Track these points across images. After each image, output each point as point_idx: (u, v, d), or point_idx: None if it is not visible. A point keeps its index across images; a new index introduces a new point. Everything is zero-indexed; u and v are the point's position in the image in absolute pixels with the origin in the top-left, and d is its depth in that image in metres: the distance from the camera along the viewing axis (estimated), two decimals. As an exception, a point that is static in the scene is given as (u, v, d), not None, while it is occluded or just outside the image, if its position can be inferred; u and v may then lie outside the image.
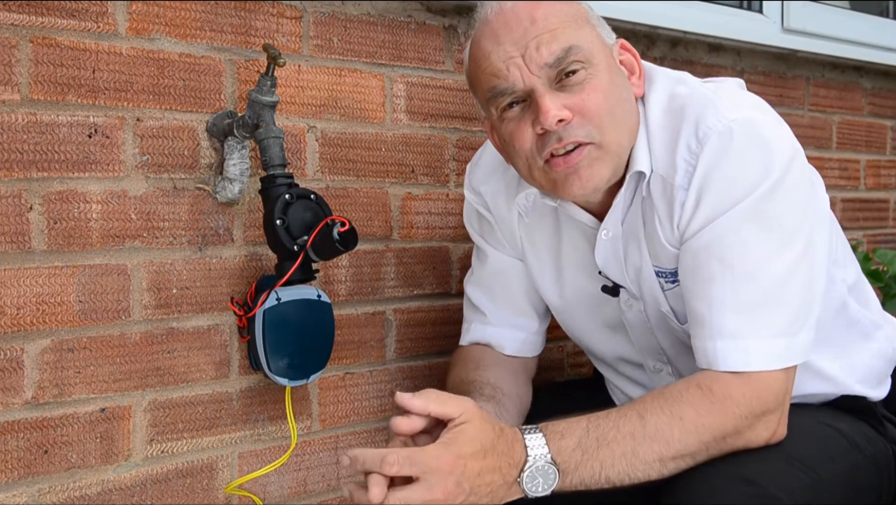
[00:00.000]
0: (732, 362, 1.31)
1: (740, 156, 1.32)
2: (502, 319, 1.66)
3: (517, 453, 1.23)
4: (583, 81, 1.34)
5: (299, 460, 1.72)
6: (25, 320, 1.42)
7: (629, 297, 1.50)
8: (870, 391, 1.57)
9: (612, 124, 1.35)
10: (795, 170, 1.34)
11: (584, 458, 1.25)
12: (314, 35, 1.71)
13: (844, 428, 1.46)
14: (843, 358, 1.55)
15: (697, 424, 1.28)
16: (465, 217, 1.71)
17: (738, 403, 1.29)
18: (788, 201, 1.33)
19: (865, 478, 1.44)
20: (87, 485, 1.48)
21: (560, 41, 1.33)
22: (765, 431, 1.32)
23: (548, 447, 1.24)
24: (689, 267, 1.37)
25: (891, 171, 2.93)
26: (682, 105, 1.38)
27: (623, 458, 1.26)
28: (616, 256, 1.47)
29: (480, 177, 1.64)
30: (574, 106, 1.33)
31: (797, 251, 1.33)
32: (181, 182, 1.56)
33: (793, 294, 1.33)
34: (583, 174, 1.35)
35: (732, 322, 1.31)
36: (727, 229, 1.32)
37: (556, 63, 1.33)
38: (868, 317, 1.59)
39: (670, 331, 1.49)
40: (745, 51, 2.47)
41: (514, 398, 1.54)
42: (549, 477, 1.23)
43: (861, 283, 1.61)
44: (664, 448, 1.27)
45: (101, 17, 1.47)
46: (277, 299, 1.52)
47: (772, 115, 1.39)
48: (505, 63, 1.35)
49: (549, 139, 1.34)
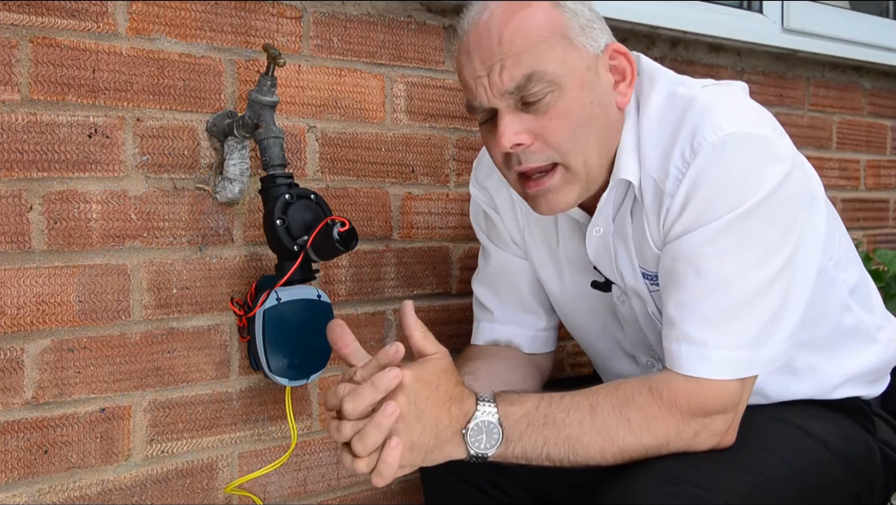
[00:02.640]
0: (693, 367, 1.33)
1: (730, 171, 1.31)
2: (509, 316, 1.66)
3: (467, 405, 1.27)
4: (547, 105, 1.33)
5: (299, 460, 1.72)
6: (25, 320, 1.42)
7: (621, 292, 1.52)
8: (863, 390, 1.57)
9: (577, 147, 1.35)
10: (788, 187, 1.34)
11: (528, 429, 1.28)
12: (314, 35, 1.71)
13: (812, 426, 1.47)
14: (841, 360, 1.55)
15: (643, 428, 1.31)
16: (472, 216, 1.72)
17: (685, 411, 1.32)
18: (773, 219, 1.33)
19: (831, 477, 1.44)
20: (87, 485, 1.48)
21: (523, 65, 1.32)
22: (712, 438, 1.34)
23: (497, 408, 1.28)
24: (666, 270, 1.38)
25: (891, 171, 2.93)
26: (683, 109, 1.37)
27: (567, 441, 1.29)
28: (607, 252, 1.48)
29: (485, 171, 1.64)
30: (535, 130, 1.34)
31: (774, 268, 1.33)
32: (181, 182, 1.56)
33: (763, 309, 1.34)
34: (550, 199, 1.38)
35: (699, 329, 1.33)
36: (706, 240, 1.32)
37: (516, 90, 1.33)
38: (870, 319, 1.59)
39: (657, 329, 1.50)
40: (745, 51, 2.47)
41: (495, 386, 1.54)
42: (494, 436, 1.27)
43: (864, 284, 1.61)
44: (607, 444, 1.30)
45: (101, 17, 1.47)
46: (277, 299, 1.52)
47: (771, 130, 1.38)
48: (474, 81, 1.36)
49: (511, 160, 1.37)
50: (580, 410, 1.30)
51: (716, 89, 1.44)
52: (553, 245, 1.59)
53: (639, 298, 1.49)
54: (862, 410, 1.55)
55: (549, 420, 1.29)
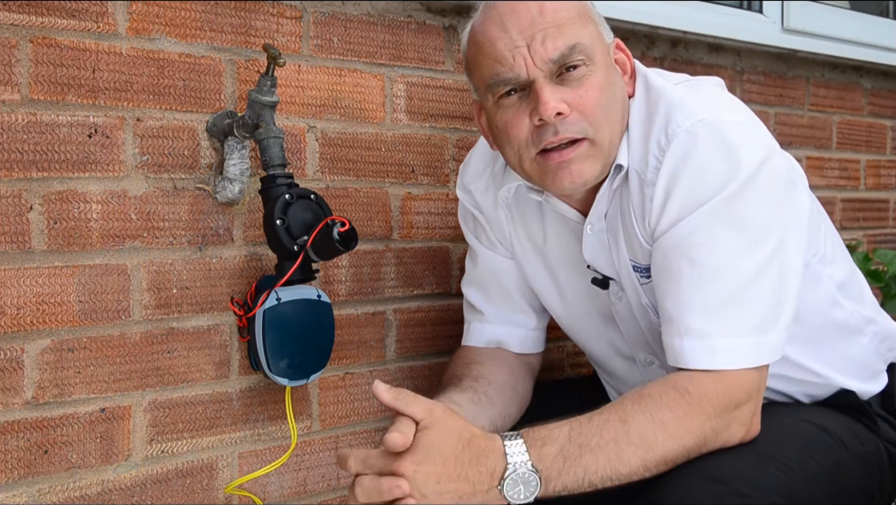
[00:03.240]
0: (698, 360, 1.32)
1: (707, 155, 1.32)
2: (500, 316, 1.66)
3: (492, 461, 1.22)
4: (582, 77, 1.36)
5: (299, 460, 1.72)
6: (25, 320, 1.42)
7: (618, 288, 1.51)
8: (861, 385, 1.57)
9: (606, 122, 1.37)
10: (767, 171, 1.34)
11: (566, 465, 1.24)
12: (314, 35, 1.71)
13: (831, 425, 1.47)
14: (832, 354, 1.55)
15: (679, 428, 1.28)
16: (460, 217, 1.72)
17: (713, 402, 1.30)
18: (758, 201, 1.33)
19: (852, 476, 1.44)
20: (87, 485, 1.48)
21: (566, 37, 1.34)
22: (740, 429, 1.33)
23: (528, 454, 1.23)
24: (659, 265, 1.38)
25: (891, 171, 2.93)
26: (656, 100, 1.40)
27: (607, 463, 1.25)
28: (603, 248, 1.48)
29: (470, 175, 1.65)
30: (572, 101, 1.35)
31: (767, 251, 1.33)
32: (181, 182, 1.56)
33: (762, 293, 1.33)
34: (574, 169, 1.37)
35: (699, 321, 1.32)
36: (695, 228, 1.32)
37: (560, 59, 1.34)
38: (859, 312, 1.59)
39: (652, 324, 1.50)
40: (745, 51, 2.47)
41: (506, 391, 1.54)
42: (531, 484, 1.23)
43: (853, 279, 1.61)
44: (648, 454, 1.27)
45: (101, 17, 1.47)
46: (277, 299, 1.52)
47: (744, 116, 1.39)
48: (511, 52, 1.35)
49: (546, 132, 1.35)
50: (612, 427, 1.27)
51: (689, 83, 1.47)
52: (542, 248, 1.58)
53: (633, 291, 1.49)
54: (864, 409, 1.55)
55: (584, 449, 1.25)
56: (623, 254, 1.46)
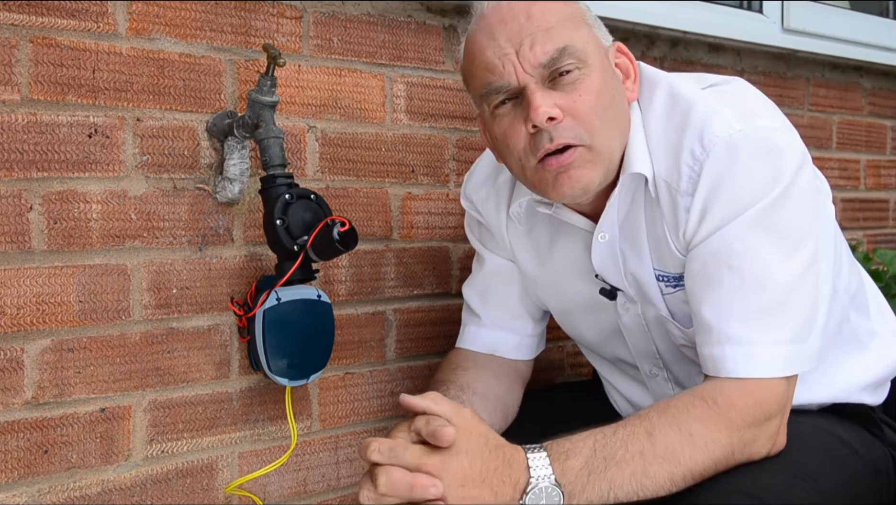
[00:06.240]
0: (740, 368, 1.29)
1: (748, 166, 1.30)
2: (496, 321, 1.66)
3: (516, 473, 1.20)
4: (575, 81, 1.33)
5: (299, 460, 1.72)
6: (25, 320, 1.42)
7: (626, 300, 1.49)
8: (867, 397, 1.56)
9: (603, 127, 1.34)
10: (803, 177, 1.33)
11: (591, 479, 1.22)
12: (314, 35, 1.71)
13: (844, 435, 1.45)
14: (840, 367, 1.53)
15: (707, 440, 1.25)
16: (466, 224, 1.72)
17: (742, 414, 1.28)
18: (796, 209, 1.32)
19: (866, 485, 1.43)
20: (87, 485, 1.48)
21: (554, 40, 1.32)
22: (768, 442, 1.31)
23: (552, 468, 1.21)
24: (696, 273, 1.35)
25: (891, 171, 2.93)
26: (687, 108, 1.37)
27: (633, 477, 1.23)
28: (613, 258, 1.46)
29: (473, 185, 1.65)
30: (565, 106, 1.33)
31: (805, 258, 1.32)
32: (181, 182, 1.56)
33: (801, 301, 1.32)
34: (573, 174, 1.34)
35: (741, 328, 1.30)
36: (735, 236, 1.31)
37: (549, 63, 1.32)
38: (865, 326, 1.57)
39: (667, 335, 1.48)
40: (745, 51, 2.47)
41: (491, 400, 1.53)
42: (554, 498, 1.20)
43: (862, 290, 1.59)
44: (675, 467, 1.24)
45: (101, 17, 1.47)
46: (277, 299, 1.52)
47: (781, 122, 1.38)
48: (500, 59, 1.34)
49: (542, 138, 1.33)
50: (638, 440, 1.24)
51: (717, 88, 1.44)
52: (549, 258, 1.57)
53: (649, 302, 1.46)
54: (870, 416, 1.54)
55: (609, 462, 1.22)
56: (645, 264, 1.43)
